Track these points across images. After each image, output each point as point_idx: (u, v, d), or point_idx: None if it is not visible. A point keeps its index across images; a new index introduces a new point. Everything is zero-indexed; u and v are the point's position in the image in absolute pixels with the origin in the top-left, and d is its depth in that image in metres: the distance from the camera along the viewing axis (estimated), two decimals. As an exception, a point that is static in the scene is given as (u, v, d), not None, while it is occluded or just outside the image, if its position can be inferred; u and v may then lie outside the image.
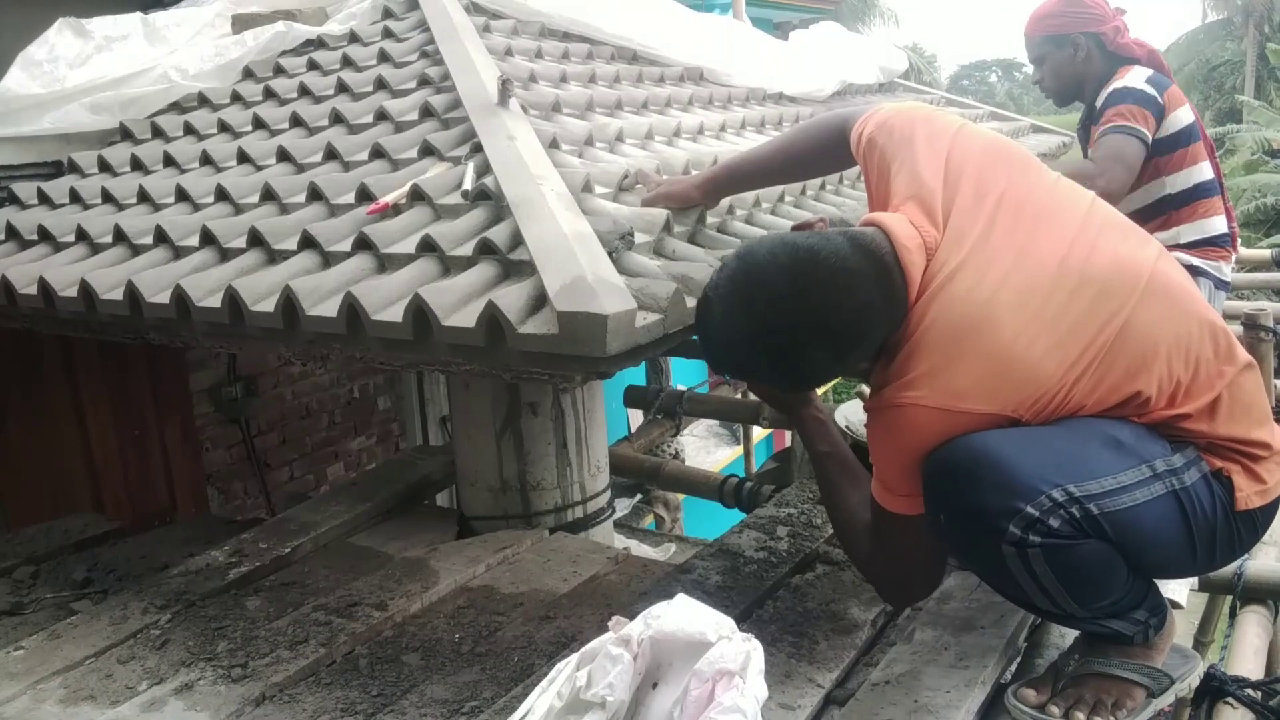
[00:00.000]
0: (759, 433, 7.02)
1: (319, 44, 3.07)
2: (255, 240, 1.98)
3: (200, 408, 4.07)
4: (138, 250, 2.18)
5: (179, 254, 2.10)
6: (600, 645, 1.25)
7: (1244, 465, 1.41)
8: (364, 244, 1.84)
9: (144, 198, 2.45)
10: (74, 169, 2.80)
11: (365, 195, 2.03)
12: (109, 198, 2.52)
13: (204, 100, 2.93)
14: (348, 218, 1.97)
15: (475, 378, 2.17)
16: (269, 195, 2.19)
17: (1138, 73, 2.67)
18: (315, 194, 2.11)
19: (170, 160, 2.60)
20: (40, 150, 2.82)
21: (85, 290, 2.02)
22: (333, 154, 2.31)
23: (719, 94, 3.27)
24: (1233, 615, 2.05)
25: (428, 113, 2.37)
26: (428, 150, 2.18)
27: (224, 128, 2.71)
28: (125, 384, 3.63)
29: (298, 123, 2.57)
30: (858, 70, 4.04)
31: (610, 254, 1.63)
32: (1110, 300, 1.37)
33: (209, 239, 2.05)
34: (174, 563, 2.29)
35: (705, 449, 8.11)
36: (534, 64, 2.77)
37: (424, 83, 2.56)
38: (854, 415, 2.64)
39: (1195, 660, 1.60)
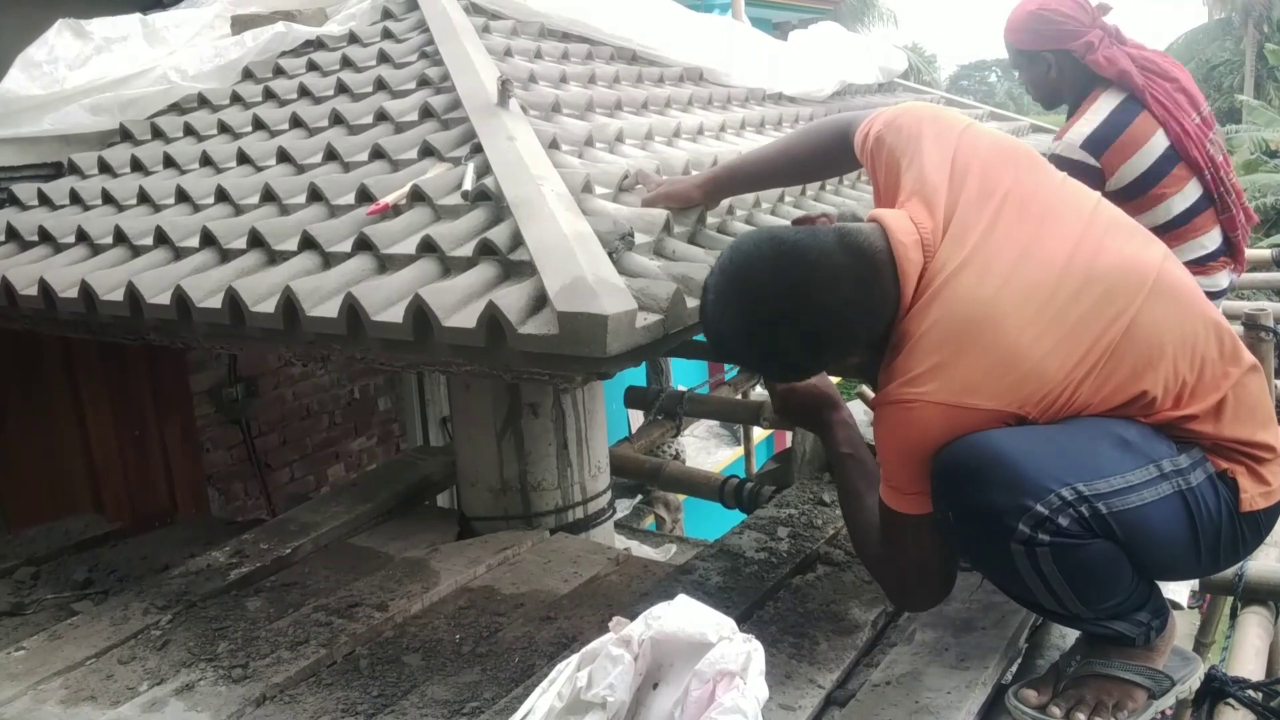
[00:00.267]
0: (759, 434, 7.02)
1: (318, 45, 3.07)
2: (256, 241, 1.98)
3: (201, 408, 4.07)
4: (138, 251, 2.18)
5: (179, 255, 2.10)
6: (601, 646, 1.25)
7: (1248, 467, 1.40)
8: (364, 245, 1.84)
9: (144, 199, 2.45)
10: (74, 170, 2.80)
11: (365, 196, 2.03)
12: (109, 199, 2.52)
13: (204, 101, 2.93)
14: (348, 218, 1.97)
15: (476, 378, 2.17)
16: (269, 196, 2.19)
17: (1085, 123, 2.49)
18: (315, 195, 2.11)
19: (170, 161, 2.60)
20: (40, 151, 2.82)
21: (85, 291, 2.02)
22: (333, 155, 2.31)
23: (718, 94, 3.27)
24: (1233, 616, 2.05)
25: (427, 113, 2.37)
26: (428, 151, 2.18)
27: (224, 129, 2.71)
28: (125, 385, 3.63)
29: (298, 123, 2.57)
30: (857, 70, 4.04)
31: (610, 254, 1.63)
32: (1116, 299, 1.36)
33: (209, 240, 2.05)
34: (175, 563, 2.29)
35: (706, 450, 8.11)
36: (534, 64, 2.77)
37: (424, 83, 2.56)
38: (856, 416, 2.64)
39: (1196, 663, 1.59)
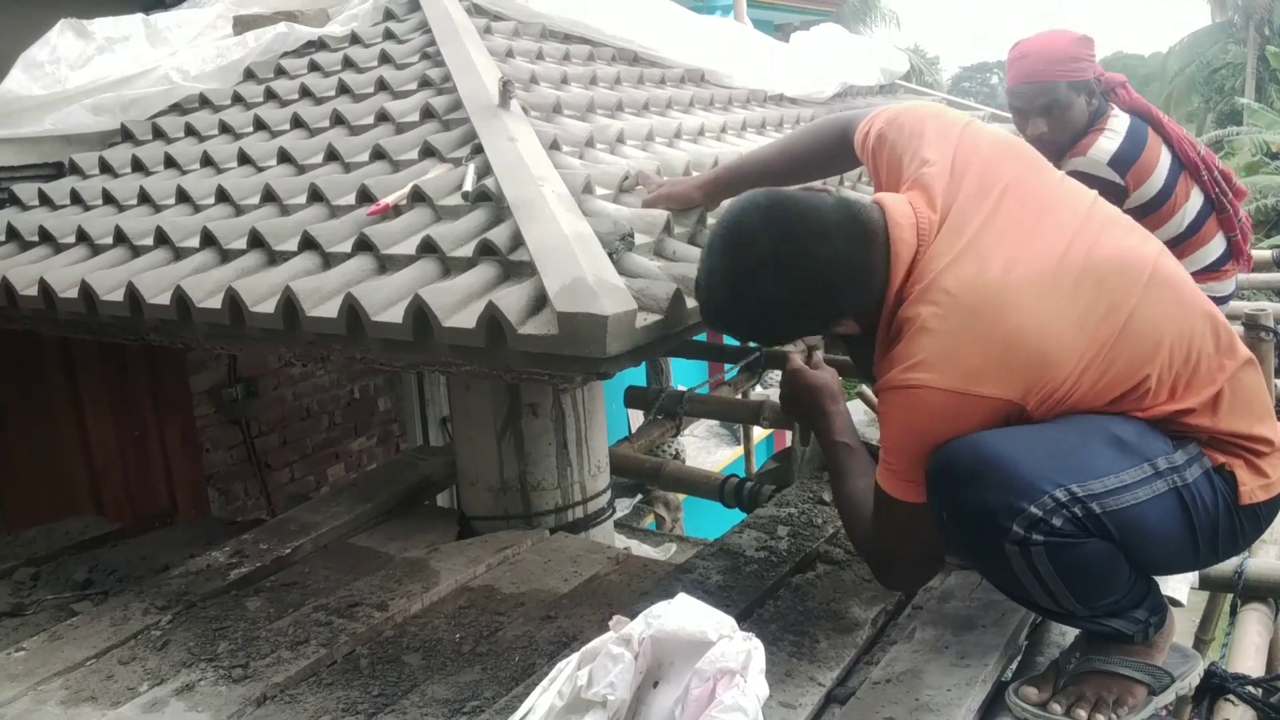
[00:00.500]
0: (759, 433, 7.02)
1: (320, 45, 3.07)
2: (256, 241, 1.99)
3: (201, 409, 4.07)
4: (138, 251, 2.18)
5: (180, 255, 2.10)
6: (601, 644, 1.25)
7: (1247, 460, 1.41)
8: (364, 245, 1.85)
9: (145, 199, 2.45)
10: (75, 170, 2.80)
11: (366, 196, 2.03)
12: (110, 199, 2.52)
13: (205, 101, 2.94)
14: (348, 219, 1.97)
15: (476, 378, 2.17)
16: (270, 196, 2.20)
17: (1108, 139, 2.46)
18: (316, 195, 2.12)
19: (171, 161, 2.61)
20: (41, 151, 2.82)
21: (86, 291, 2.02)
22: (334, 155, 2.31)
23: (720, 96, 3.27)
24: (1233, 613, 2.06)
25: (429, 114, 2.37)
26: (428, 151, 2.18)
27: (225, 129, 2.72)
28: (125, 385, 3.63)
29: (299, 124, 2.57)
30: (859, 72, 4.05)
31: (610, 255, 1.63)
32: (1114, 292, 1.37)
33: (210, 240, 2.05)
34: (175, 564, 2.29)
35: (706, 449, 8.11)
36: (535, 65, 2.77)
37: (425, 84, 2.57)
38: (854, 416, 2.64)
39: (1195, 659, 1.60)
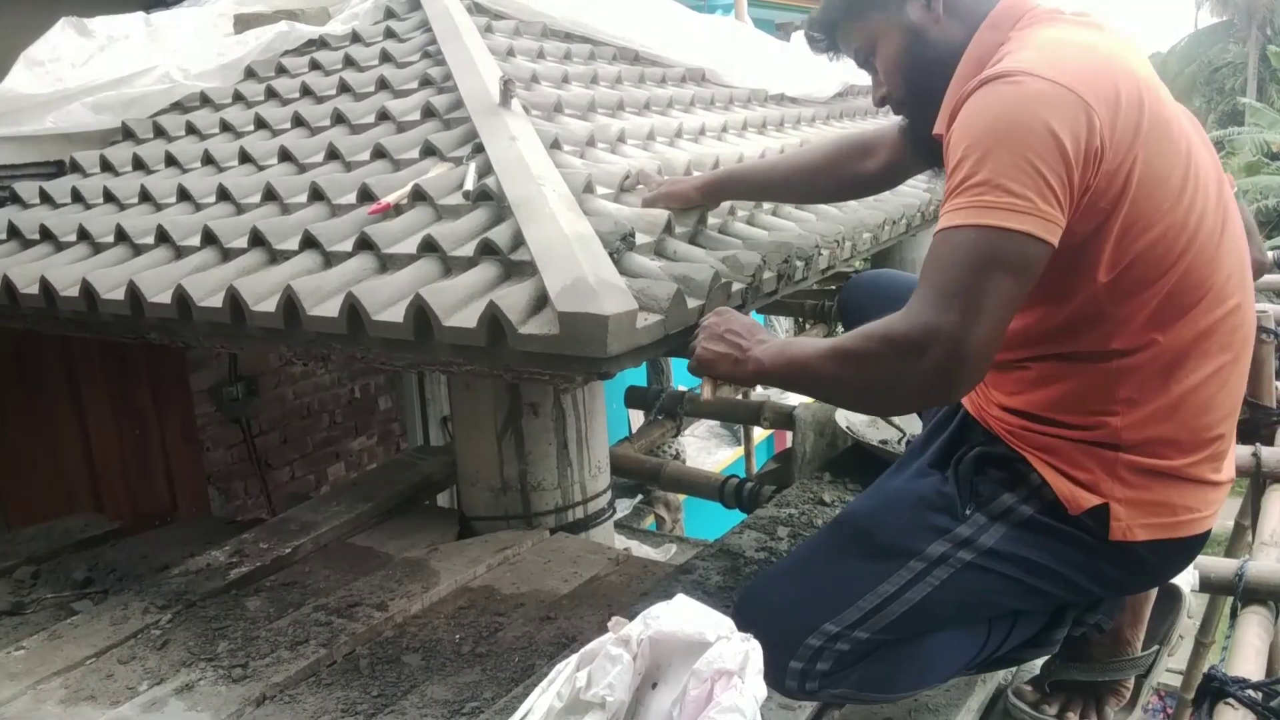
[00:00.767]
0: (760, 433, 7.02)
1: (321, 44, 3.07)
2: (257, 240, 1.98)
3: (201, 407, 4.07)
4: (139, 250, 2.18)
5: (180, 254, 2.10)
6: (600, 646, 1.25)
7: (1146, 482, 1.28)
8: (365, 244, 1.85)
9: (146, 197, 2.45)
10: (76, 168, 2.80)
11: (367, 195, 2.03)
12: (111, 197, 2.52)
13: (206, 100, 2.94)
14: (349, 218, 1.97)
15: (476, 378, 2.17)
16: (270, 195, 2.19)
17: None
18: (317, 194, 2.11)
19: (172, 160, 2.60)
20: (42, 150, 2.82)
21: (86, 290, 2.02)
22: (334, 154, 2.31)
23: (721, 95, 3.27)
24: (1234, 616, 2.05)
25: (429, 113, 2.37)
26: (429, 150, 2.18)
27: (226, 127, 2.71)
28: (126, 384, 3.64)
29: (299, 123, 2.57)
30: (859, 73, 4.04)
31: (611, 255, 1.63)
32: (1207, 187, 1.26)
33: (210, 239, 2.05)
34: (174, 563, 2.29)
35: (706, 450, 8.11)
36: (536, 64, 2.77)
37: (426, 83, 2.56)
38: (854, 417, 2.64)
39: (1179, 596, 1.58)
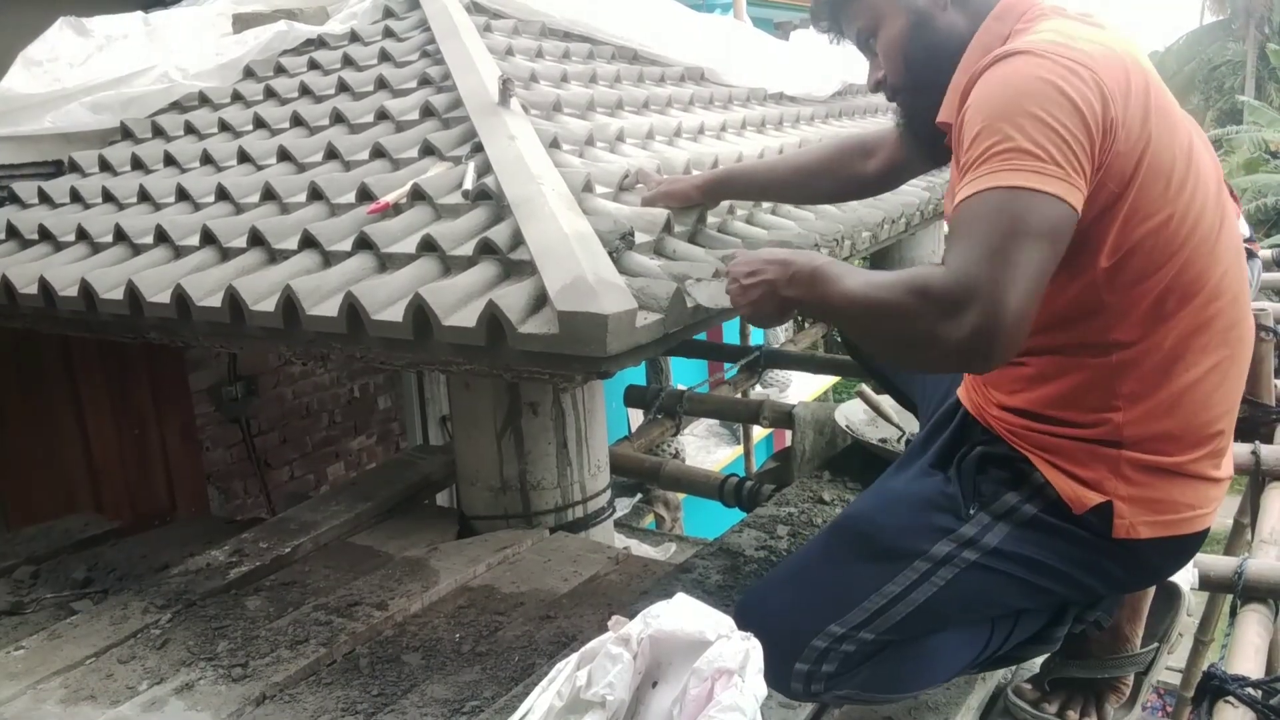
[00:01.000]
0: (759, 432, 7.02)
1: (320, 43, 3.07)
2: (256, 240, 1.98)
3: (200, 407, 4.07)
4: (138, 250, 2.18)
5: (179, 253, 2.10)
6: (600, 645, 1.25)
7: (1150, 479, 1.27)
8: (364, 243, 1.84)
9: (144, 197, 2.45)
10: (74, 168, 2.80)
11: (366, 195, 2.03)
12: (109, 197, 2.52)
13: (205, 99, 2.93)
14: (348, 217, 1.97)
15: (476, 377, 2.17)
16: (269, 195, 2.19)
17: None
18: (316, 193, 2.11)
19: (171, 160, 2.60)
20: (41, 149, 2.82)
21: (86, 290, 2.02)
22: (333, 153, 2.31)
23: (720, 94, 3.27)
24: (1233, 614, 2.05)
25: (428, 112, 2.37)
26: (428, 150, 2.18)
27: (224, 127, 2.71)
28: (125, 384, 3.63)
29: (298, 122, 2.57)
30: (859, 71, 4.04)
31: (611, 254, 1.63)
32: (1208, 184, 1.27)
33: (209, 238, 2.05)
34: (174, 562, 2.29)
35: (705, 448, 8.11)
36: (535, 64, 2.77)
37: (425, 82, 2.56)
38: (854, 416, 2.64)
39: (1179, 595, 1.58)
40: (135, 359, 3.61)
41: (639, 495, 5.87)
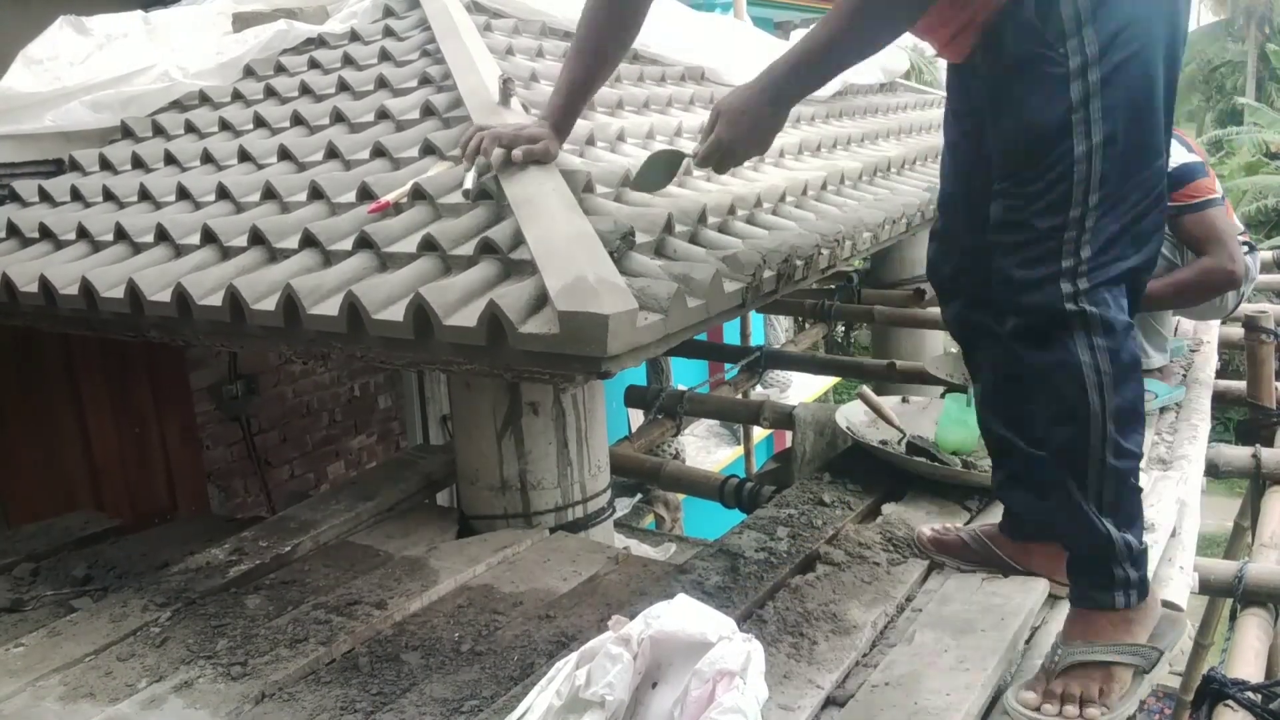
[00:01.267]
0: (759, 433, 7.03)
1: (320, 42, 3.07)
2: (256, 239, 1.98)
3: (201, 406, 4.07)
4: (139, 248, 2.18)
5: (180, 252, 2.10)
6: (600, 644, 1.25)
7: None
8: (365, 243, 1.84)
9: (145, 196, 2.45)
10: (75, 167, 2.80)
11: (366, 194, 2.03)
12: (110, 196, 2.52)
13: (205, 98, 2.93)
14: (349, 216, 1.97)
15: (476, 377, 2.17)
16: (270, 194, 2.19)
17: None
18: (316, 192, 2.11)
19: (171, 158, 2.60)
20: (41, 148, 2.82)
21: (86, 288, 2.02)
22: (334, 152, 2.31)
23: (720, 94, 3.26)
24: (1233, 618, 2.05)
25: (429, 111, 2.37)
26: (429, 149, 2.18)
27: (225, 126, 2.71)
28: (125, 382, 3.64)
29: (299, 121, 2.57)
30: (858, 70, 4.04)
31: (611, 254, 1.63)
32: None
33: (210, 237, 2.05)
34: (174, 560, 2.29)
35: (705, 449, 8.12)
36: (535, 63, 2.77)
37: (425, 81, 2.56)
38: (855, 417, 2.64)
39: (1182, 623, 1.60)
40: (136, 358, 3.61)
41: (639, 495, 5.89)
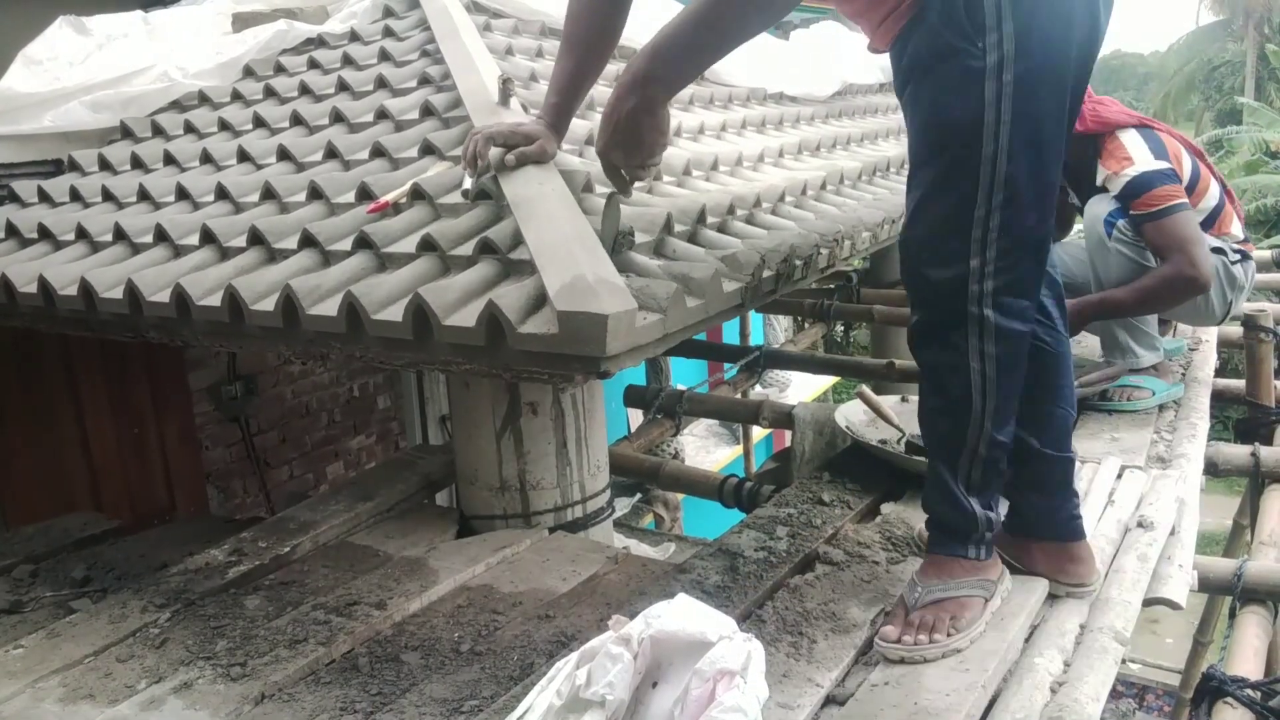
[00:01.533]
0: (759, 432, 7.03)
1: (320, 42, 3.07)
2: (255, 239, 1.98)
3: (200, 406, 4.07)
4: (138, 249, 2.18)
5: (179, 252, 2.10)
6: (600, 644, 1.25)
7: None
8: (364, 243, 1.84)
9: (144, 196, 2.45)
10: (74, 167, 2.80)
11: (365, 194, 2.03)
12: (109, 196, 2.52)
13: (204, 99, 2.93)
14: (348, 216, 1.97)
15: (475, 377, 2.17)
16: (269, 194, 2.19)
17: (1134, 142, 2.64)
18: (315, 193, 2.11)
19: (170, 159, 2.60)
20: (40, 148, 2.82)
21: (85, 289, 2.02)
22: (333, 153, 2.31)
23: (720, 94, 3.27)
24: (1232, 616, 2.06)
25: (428, 111, 2.37)
26: (428, 149, 2.18)
27: (224, 126, 2.71)
28: (124, 382, 3.64)
29: (298, 121, 2.57)
30: (858, 71, 4.05)
31: (611, 254, 1.63)
32: None
33: (209, 238, 2.05)
34: (173, 561, 2.29)
35: (705, 449, 8.12)
36: (535, 63, 2.77)
37: (424, 81, 2.56)
38: (854, 416, 2.64)
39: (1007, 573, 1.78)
40: (135, 358, 3.61)
41: (639, 495, 5.88)
